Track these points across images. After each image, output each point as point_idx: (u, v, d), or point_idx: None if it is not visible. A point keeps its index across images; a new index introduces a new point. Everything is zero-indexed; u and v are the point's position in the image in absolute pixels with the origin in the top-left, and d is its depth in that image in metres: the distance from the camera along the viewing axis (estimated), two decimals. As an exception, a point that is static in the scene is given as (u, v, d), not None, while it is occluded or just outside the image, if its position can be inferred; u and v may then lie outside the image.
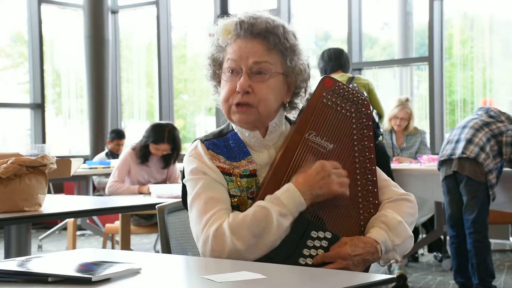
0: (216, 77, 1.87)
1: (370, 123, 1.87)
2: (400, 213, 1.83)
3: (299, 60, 1.83)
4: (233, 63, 1.80)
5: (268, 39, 1.79)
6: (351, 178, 1.81)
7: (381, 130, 4.82)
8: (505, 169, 4.55)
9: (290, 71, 1.82)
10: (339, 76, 4.91)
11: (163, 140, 4.95)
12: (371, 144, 1.86)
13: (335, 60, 5.05)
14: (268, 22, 1.80)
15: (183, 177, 1.86)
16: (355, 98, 1.87)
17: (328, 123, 1.84)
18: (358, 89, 4.75)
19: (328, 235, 1.75)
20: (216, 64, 1.86)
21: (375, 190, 1.85)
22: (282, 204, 1.70)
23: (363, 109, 1.87)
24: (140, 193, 4.89)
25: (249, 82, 1.78)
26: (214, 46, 1.86)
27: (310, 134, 1.82)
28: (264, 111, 1.80)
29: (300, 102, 1.89)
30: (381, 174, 1.91)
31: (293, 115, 1.90)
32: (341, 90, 1.86)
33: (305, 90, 1.88)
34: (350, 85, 4.69)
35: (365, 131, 1.86)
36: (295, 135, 1.81)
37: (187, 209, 1.84)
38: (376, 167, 1.87)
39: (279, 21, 1.82)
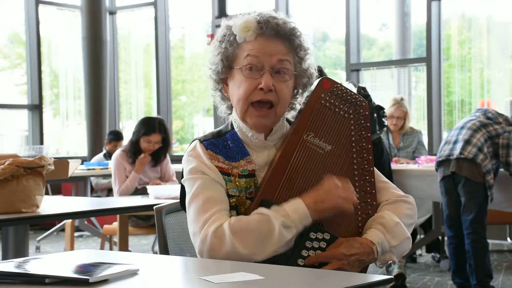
0: (223, 73, 1.85)
1: (368, 124, 1.87)
2: (398, 215, 1.83)
3: (311, 64, 1.86)
4: (254, 60, 1.79)
5: (290, 41, 1.81)
6: (349, 179, 1.81)
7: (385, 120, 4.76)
8: (502, 169, 4.55)
9: (302, 73, 1.84)
10: None
11: (154, 130, 4.96)
12: (369, 146, 1.86)
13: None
14: (289, 24, 1.81)
15: (182, 177, 1.85)
16: (353, 100, 1.87)
17: (327, 125, 1.84)
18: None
19: (327, 236, 1.75)
20: (228, 60, 1.83)
21: (373, 191, 1.85)
22: (287, 215, 1.70)
23: (361, 111, 1.87)
24: (139, 162, 4.88)
25: (272, 81, 1.78)
26: (226, 42, 1.83)
27: (309, 135, 1.82)
28: (280, 112, 1.82)
29: (298, 103, 1.89)
30: (379, 175, 1.90)
31: (291, 115, 1.90)
32: (339, 92, 1.86)
33: (303, 94, 1.88)
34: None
35: (363, 132, 1.86)
36: (293, 136, 1.81)
37: (184, 210, 1.84)
38: (375, 168, 1.87)
39: (295, 24, 1.84)
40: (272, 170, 1.77)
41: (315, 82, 1.88)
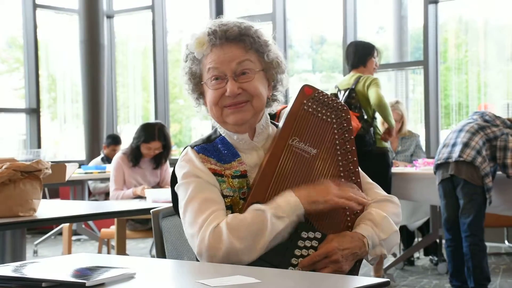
0: (197, 89, 1.91)
1: (351, 127, 1.92)
2: (385, 212, 1.87)
3: (274, 54, 1.88)
4: (216, 71, 1.83)
5: (243, 41, 1.84)
6: (335, 181, 1.85)
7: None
8: (500, 172, 4.56)
9: (268, 66, 1.87)
10: (349, 76, 5.01)
11: (154, 138, 4.97)
12: (353, 148, 1.91)
13: (346, 58, 5.18)
14: (239, 25, 1.85)
15: (173, 183, 1.87)
16: (334, 104, 1.93)
17: (310, 129, 1.89)
18: (357, 97, 4.85)
19: (318, 235, 1.78)
20: (196, 77, 1.90)
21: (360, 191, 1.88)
22: (278, 206, 1.73)
23: (343, 114, 1.93)
24: (135, 195, 4.88)
25: (237, 85, 1.82)
26: (189, 61, 1.90)
27: (294, 140, 1.87)
28: (258, 105, 1.85)
29: (279, 94, 1.94)
30: (364, 177, 1.96)
31: (275, 107, 1.95)
32: (320, 97, 1.92)
33: (282, 83, 1.93)
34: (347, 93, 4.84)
35: (346, 135, 1.91)
36: (279, 141, 1.86)
37: (176, 213, 1.85)
38: (360, 169, 1.92)
39: (248, 23, 1.87)
40: (261, 174, 1.82)
41: (298, 89, 1.92)
